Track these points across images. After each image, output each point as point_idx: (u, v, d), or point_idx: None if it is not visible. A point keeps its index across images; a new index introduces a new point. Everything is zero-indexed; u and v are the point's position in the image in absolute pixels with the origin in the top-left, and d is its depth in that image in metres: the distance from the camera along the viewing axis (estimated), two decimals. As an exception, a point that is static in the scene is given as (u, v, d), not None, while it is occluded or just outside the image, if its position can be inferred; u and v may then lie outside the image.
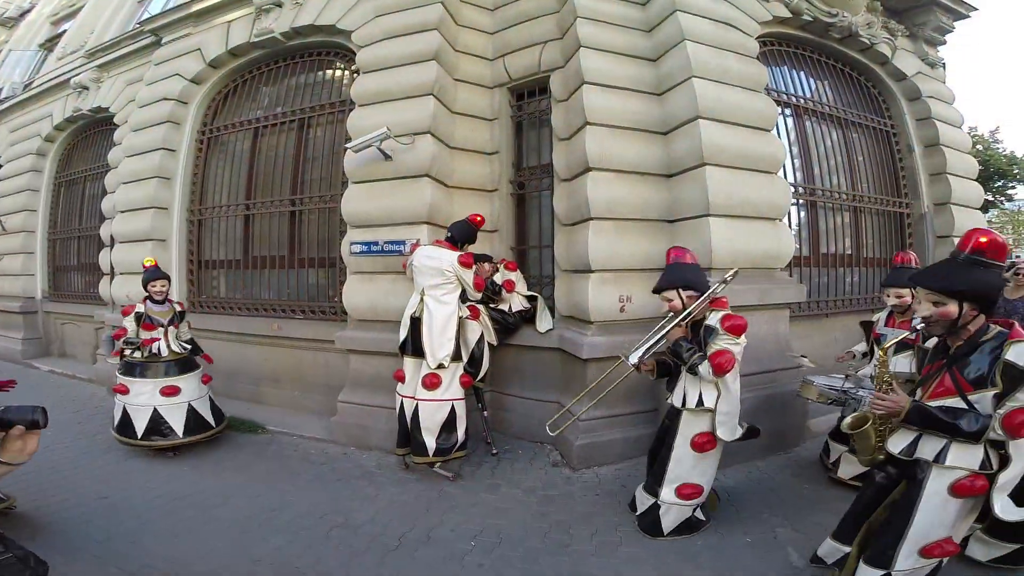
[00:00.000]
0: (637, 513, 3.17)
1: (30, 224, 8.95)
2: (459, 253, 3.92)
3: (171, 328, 4.55)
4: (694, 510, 3.03)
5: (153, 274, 4.56)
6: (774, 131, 4.88)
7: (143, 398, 4.29)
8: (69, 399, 6.18)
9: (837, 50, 6.02)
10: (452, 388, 3.86)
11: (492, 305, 4.49)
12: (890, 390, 2.09)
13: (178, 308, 4.68)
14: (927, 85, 6.38)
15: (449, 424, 3.84)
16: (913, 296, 3.16)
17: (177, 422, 4.31)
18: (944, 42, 6.75)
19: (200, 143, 6.47)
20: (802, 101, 5.76)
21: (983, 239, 1.93)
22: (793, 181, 5.37)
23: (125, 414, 4.32)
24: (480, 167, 5.13)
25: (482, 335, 4.22)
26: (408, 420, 3.89)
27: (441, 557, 2.90)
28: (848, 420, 2.27)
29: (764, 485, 3.71)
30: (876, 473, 2.30)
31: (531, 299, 4.71)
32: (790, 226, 5.15)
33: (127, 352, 4.40)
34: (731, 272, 3.00)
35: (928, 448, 2.03)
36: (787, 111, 5.60)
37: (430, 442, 3.78)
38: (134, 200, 6.32)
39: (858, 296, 5.79)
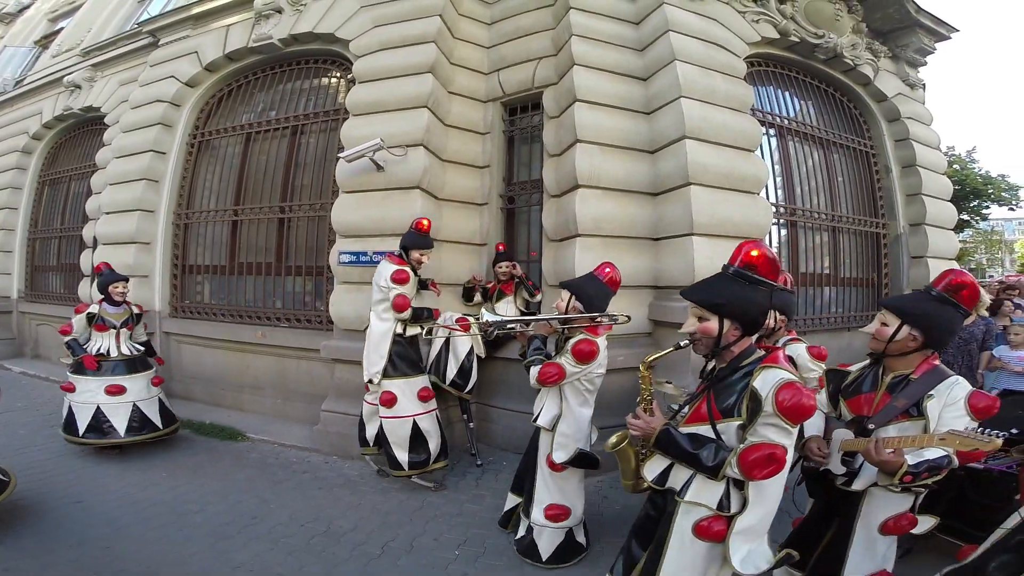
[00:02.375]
0: (516, 537, 3.07)
1: (10, 222, 8.81)
2: (396, 268, 3.75)
3: (124, 330, 4.56)
4: (567, 533, 2.93)
5: (114, 276, 4.58)
6: (758, 151, 5.03)
7: (87, 395, 4.30)
8: (42, 401, 6.05)
9: (822, 71, 6.21)
10: (410, 404, 3.80)
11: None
12: (648, 409, 1.91)
13: (135, 310, 4.71)
14: (906, 106, 6.59)
15: (417, 438, 3.79)
16: (775, 318, 3.01)
17: (120, 421, 4.30)
18: (925, 63, 6.97)
19: (191, 146, 6.45)
20: (786, 121, 5.93)
21: (753, 252, 1.74)
22: (775, 201, 5.52)
23: (70, 412, 4.34)
24: (471, 180, 5.19)
25: (471, 348, 4.25)
26: (374, 429, 3.92)
27: (424, 566, 2.91)
28: (612, 439, 2.04)
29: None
30: (645, 504, 2.04)
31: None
32: (771, 245, 5.28)
33: (62, 358, 4.47)
34: (623, 317, 2.84)
35: (678, 478, 1.81)
36: (771, 131, 5.76)
37: (402, 457, 3.76)
38: (120, 202, 6.27)
39: (836, 314, 5.93)
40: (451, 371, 4.25)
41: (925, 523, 2.02)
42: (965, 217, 18.90)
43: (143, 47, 7.22)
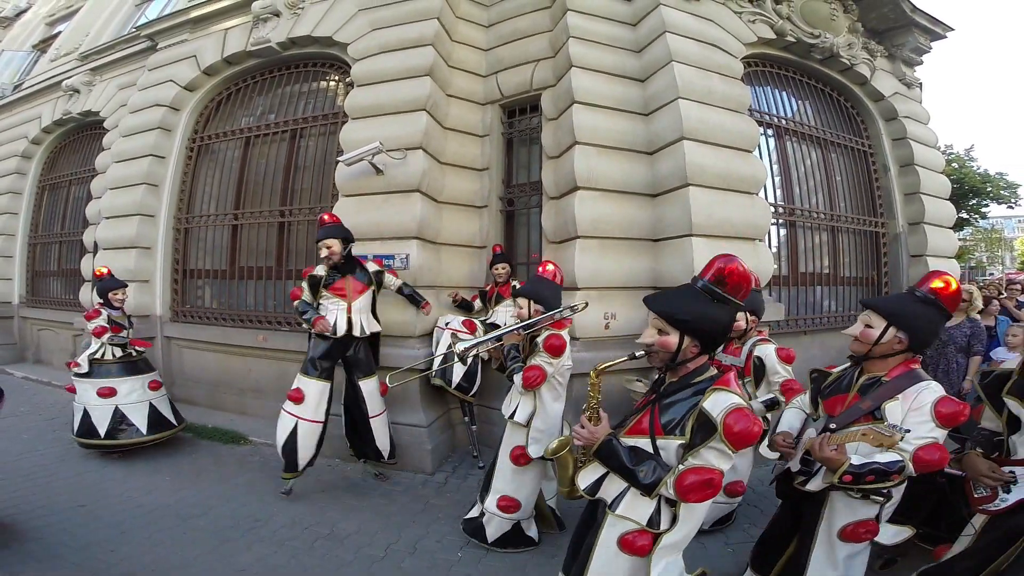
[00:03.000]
0: (465, 516, 3.25)
1: (10, 227, 8.81)
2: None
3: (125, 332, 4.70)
4: (515, 525, 3.03)
5: (115, 283, 4.65)
6: (756, 152, 5.04)
7: (85, 396, 4.39)
8: (44, 406, 6.06)
9: (818, 71, 6.22)
10: (311, 408, 3.78)
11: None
12: (594, 417, 1.85)
13: (127, 314, 4.79)
14: (903, 105, 6.60)
15: (289, 441, 3.74)
16: (746, 319, 3.04)
17: (101, 423, 4.34)
18: (921, 62, 6.98)
19: (190, 150, 6.46)
20: (784, 122, 5.94)
21: (726, 268, 1.67)
22: (773, 201, 5.54)
23: (86, 415, 4.41)
24: (470, 183, 5.21)
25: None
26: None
27: (428, 567, 2.93)
28: (553, 444, 2.02)
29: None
30: (584, 510, 2.00)
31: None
32: (770, 245, 5.30)
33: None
34: (582, 304, 3.14)
35: (610, 490, 1.78)
36: (769, 131, 5.77)
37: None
38: (120, 206, 6.27)
39: (836, 314, 5.94)
40: (457, 375, 4.26)
41: (900, 534, 1.99)
42: (964, 215, 18.89)
43: (141, 51, 7.24)
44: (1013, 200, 19.50)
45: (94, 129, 8.04)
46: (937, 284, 1.88)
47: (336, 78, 5.81)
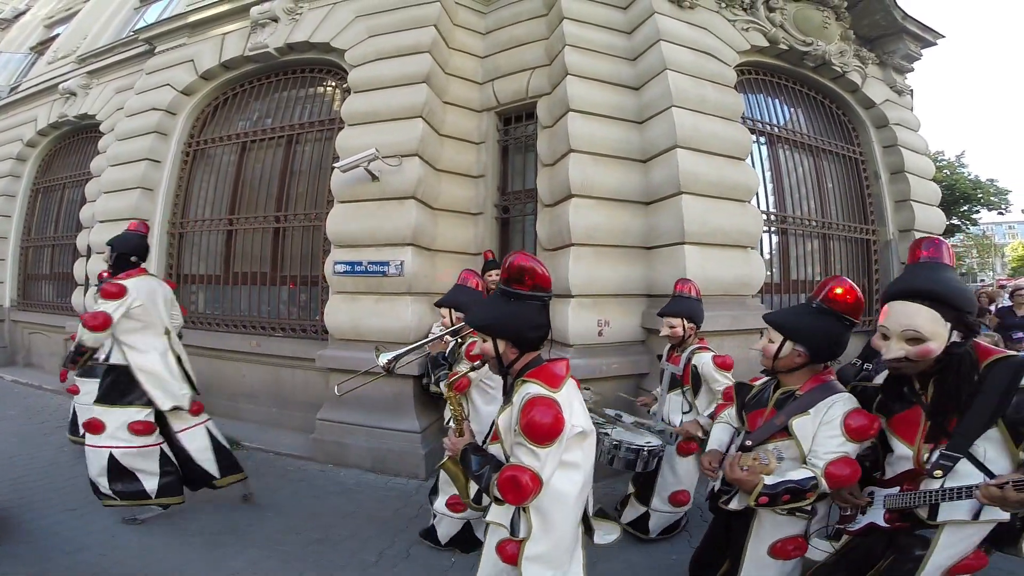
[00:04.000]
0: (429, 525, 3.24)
1: (3, 230, 8.78)
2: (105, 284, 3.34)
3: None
4: (465, 524, 3.06)
5: None
6: (748, 160, 5.09)
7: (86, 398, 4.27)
8: (35, 410, 6.03)
9: (810, 78, 6.28)
10: (115, 435, 3.29)
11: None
12: (458, 428, 1.85)
13: None
14: (894, 112, 6.66)
15: (118, 471, 3.28)
16: (684, 327, 3.08)
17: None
18: (912, 69, 7.05)
19: (186, 155, 6.46)
20: (776, 129, 5.99)
21: (520, 264, 1.68)
22: (766, 208, 5.59)
23: (73, 413, 4.45)
24: (466, 190, 5.24)
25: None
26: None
27: (421, 573, 2.94)
28: (447, 458, 1.99)
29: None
30: None
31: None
32: (762, 253, 5.34)
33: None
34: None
35: (486, 497, 1.76)
36: (762, 139, 5.82)
37: (102, 483, 3.28)
38: (115, 210, 6.26)
39: (827, 321, 5.97)
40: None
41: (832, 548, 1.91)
42: (955, 222, 19.03)
43: (139, 55, 7.26)
44: (1003, 206, 19.70)
45: (90, 132, 8.03)
46: (837, 291, 1.81)
47: (333, 84, 5.84)
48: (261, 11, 5.83)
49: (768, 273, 5.35)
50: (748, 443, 1.91)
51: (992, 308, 6.40)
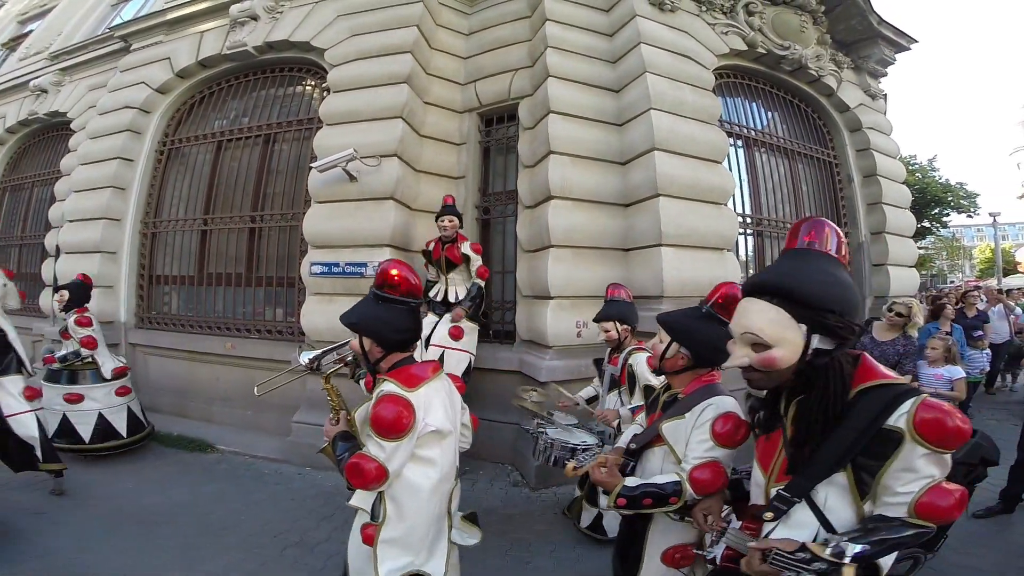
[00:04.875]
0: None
1: (-31, 229, 8.50)
2: None
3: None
4: None
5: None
6: (725, 162, 5.16)
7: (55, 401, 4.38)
8: None
9: (787, 82, 6.41)
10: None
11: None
12: (335, 418, 1.87)
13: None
14: (868, 116, 6.82)
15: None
16: (617, 329, 3.14)
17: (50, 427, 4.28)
18: (886, 74, 7.24)
19: (160, 154, 6.34)
20: (753, 132, 6.10)
21: (391, 272, 1.75)
22: (742, 211, 5.68)
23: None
24: (446, 191, 5.19)
25: (470, 361, 4.35)
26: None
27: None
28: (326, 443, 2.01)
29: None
30: None
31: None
32: (738, 255, 5.42)
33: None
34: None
35: None
36: (739, 142, 5.92)
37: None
38: (85, 210, 6.12)
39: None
40: None
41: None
42: (926, 224, 19.53)
43: (114, 52, 7.10)
44: (972, 209, 20.29)
45: (60, 130, 7.83)
46: (720, 298, 1.79)
47: (312, 83, 5.78)
48: (241, 9, 5.75)
49: (743, 275, 5.42)
50: (633, 446, 1.90)
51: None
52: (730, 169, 5.38)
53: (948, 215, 20.76)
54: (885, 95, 7.32)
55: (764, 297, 1.19)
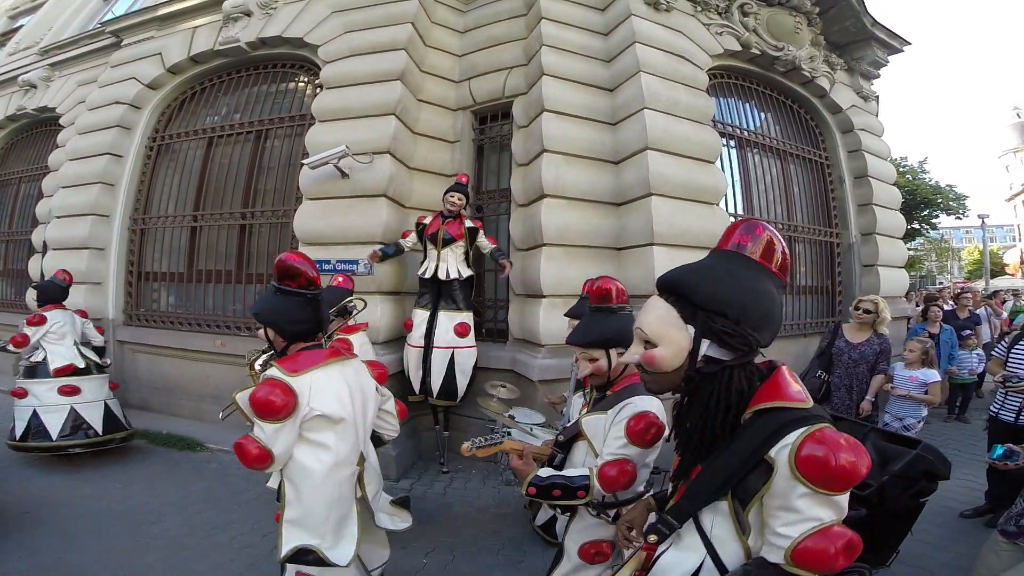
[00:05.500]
0: None
1: (-45, 225, 8.38)
2: None
3: None
4: None
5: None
6: (718, 163, 5.18)
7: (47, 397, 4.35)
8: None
9: (780, 83, 6.42)
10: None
11: None
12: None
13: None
14: (860, 118, 6.86)
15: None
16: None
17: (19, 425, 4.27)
18: (878, 76, 7.27)
19: (150, 150, 6.27)
20: (746, 133, 6.12)
21: (289, 263, 1.82)
22: (734, 211, 5.70)
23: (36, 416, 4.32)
24: (439, 189, 5.11)
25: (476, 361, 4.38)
26: None
27: (392, 573, 2.89)
28: None
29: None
30: None
31: None
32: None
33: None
34: (360, 303, 3.31)
35: None
36: (731, 142, 5.94)
37: None
38: (73, 206, 6.04)
39: (793, 323, 6.12)
40: (436, 387, 4.25)
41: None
42: (916, 226, 19.68)
43: (105, 47, 7.02)
44: (961, 211, 20.48)
45: (49, 126, 7.75)
46: (589, 288, 1.87)
47: (305, 80, 5.74)
48: (234, 5, 5.70)
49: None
50: (561, 438, 1.94)
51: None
52: (723, 169, 5.40)
53: (937, 217, 20.91)
54: (877, 97, 7.37)
55: (663, 294, 1.11)
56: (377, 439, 2.28)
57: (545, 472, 1.68)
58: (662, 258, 4.30)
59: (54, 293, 4.54)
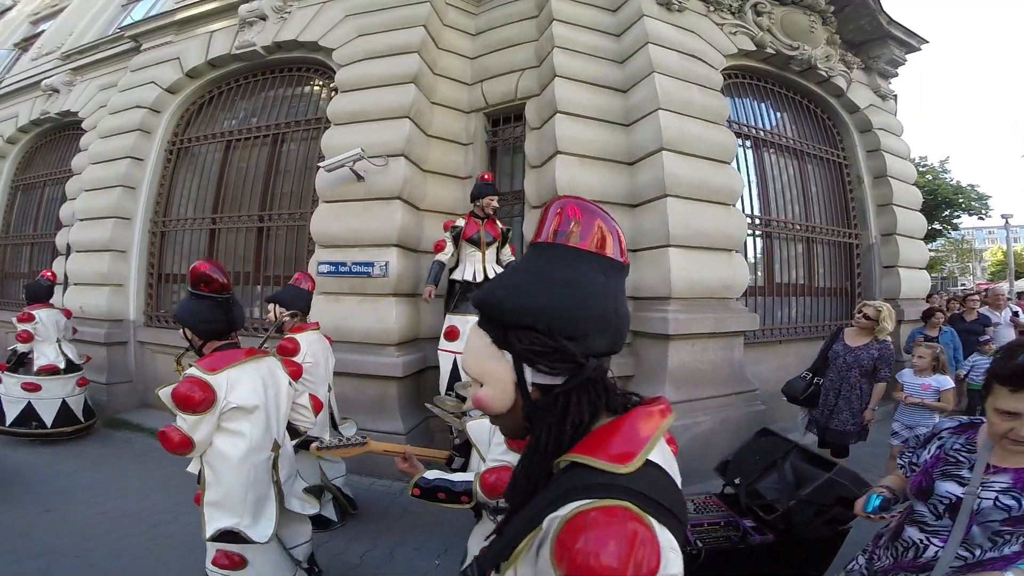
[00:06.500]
0: None
1: (-19, 227, 8.60)
2: None
3: None
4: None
5: None
6: (733, 163, 5.12)
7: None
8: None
9: (796, 82, 6.34)
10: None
11: None
12: None
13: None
14: (878, 117, 6.74)
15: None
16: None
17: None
18: (896, 75, 7.15)
19: (170, 153, 6.38)
20: (762, 133, 6.04)
21: (202, 271, 2.08)
22: (751, 212, 5.63)
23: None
24: (453, 191, 5.22)
25: None
26: None
27: (404, 575, 2.91)
28: None
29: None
30: None
31: None
32: (746, 256, 5.38)
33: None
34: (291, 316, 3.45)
35: None
36: (747, 143, 5.87)
37: None
38: (95, 208, 6.17)
39: (810, 324, 6.04)
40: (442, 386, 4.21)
41: None
42: (937, 226, 19.26)
43: (125, 52, 7.16)
44: (984, 212, 20.00)
45: (71, 130, 7.91)
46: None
47: (320, 83, 5.80)
48: (250, 9, 5.79)
49: (752, 276, 5.39)
50: (457, 441, 1.97)
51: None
52: (738, 170, 5.33)
53: (959, 217, 20.44)
54: (895, 96, 7.24)
55: (480, 319, 0.83)
56: (293, 430, 2.49)
57: (432, 475, 1.71)
58: (678, 260, 4.26)
59: (41, 292, 5.00)
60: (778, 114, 6.39)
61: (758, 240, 5.78)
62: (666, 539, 0.64)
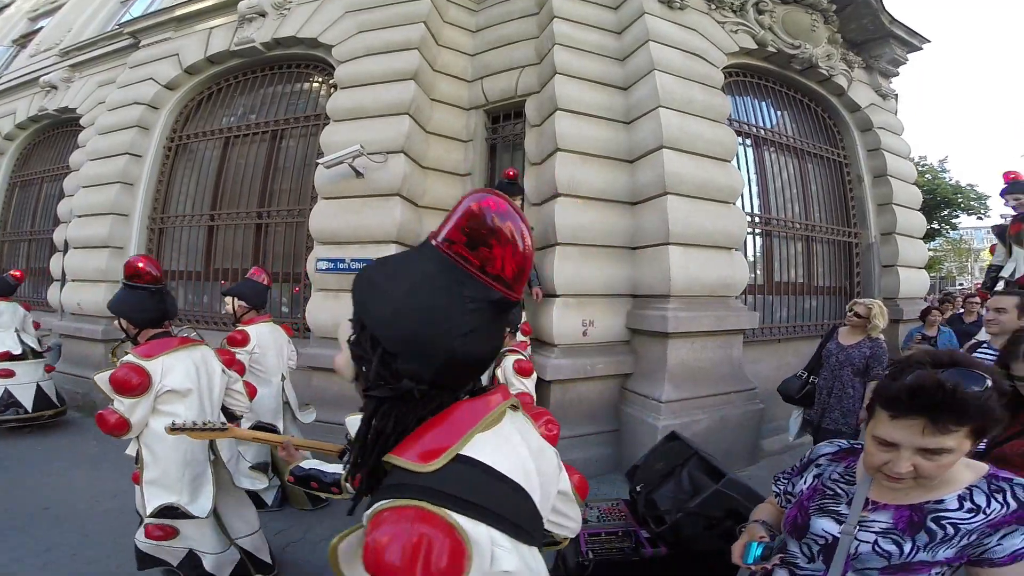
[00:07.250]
0: None
1: (-21, 224, 8.58)
2: None
3: None
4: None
5: None
6: (734, 161, 5.11)
7: None
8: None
9: (797, 81, 6.32)
10: None
11: None
12: None
13: None
14: (879, 116, 6.72)
15: None
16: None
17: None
18: (897, 74, 7.13)
19: (168, 150, 6.36)
20: (762, 131, 6.03)
21: (137, 265, 2.21)
22: (751, 210, 5.62)
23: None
24: (452, 188, 5.20)
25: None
26: None
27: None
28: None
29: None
30: None
31: None
32: (746, 254, 5.37)
33: None
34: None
35: None
36: (747, 141, 5.85)
37: None
38: (93, 205, 6.15)
39: (809, 323, 6.03)
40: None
41: None
42: (936, 226, 19.26)
43: (123, 48, 7.14)
44: (983, 211, 20.01)
45: (69, 126, 7.89)
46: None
47: (319, 80, 5.78)
48: (249, 5, 5.76)
49: (752, 275, 5.38)
50: (349, 435, 1.95)
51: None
52: (739, 168, 5.32)
53: (958, 217, 20.46)
54: (896, 95, 7.23)
55: None
56: (230, 415, 2.62)
57: (308, 464, 1.70)
58: (677, 257, 4.25)
59: (3, 287, 5.17)
60: (779, 112, 6.38)
61: (758, 238, 5.76)
62: (485, 536, 0.64)
